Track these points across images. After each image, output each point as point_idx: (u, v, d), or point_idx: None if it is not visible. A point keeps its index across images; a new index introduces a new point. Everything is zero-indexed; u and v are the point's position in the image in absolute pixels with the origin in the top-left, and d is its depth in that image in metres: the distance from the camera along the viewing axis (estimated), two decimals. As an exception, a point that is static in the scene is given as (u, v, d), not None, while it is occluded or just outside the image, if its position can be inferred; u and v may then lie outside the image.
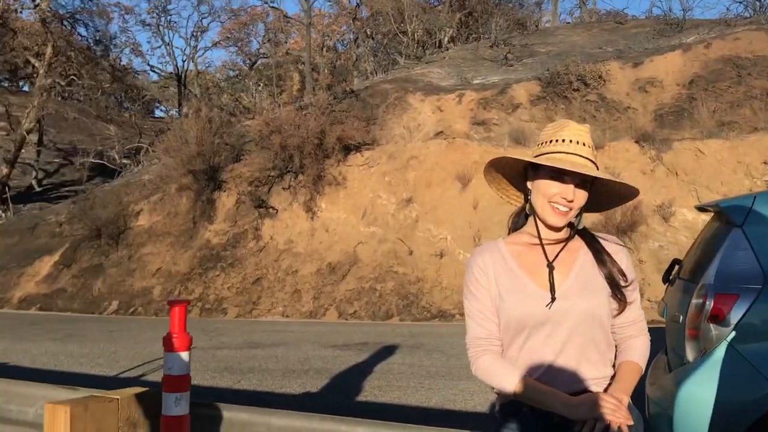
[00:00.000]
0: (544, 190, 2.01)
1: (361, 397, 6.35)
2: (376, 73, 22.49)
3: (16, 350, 9.20)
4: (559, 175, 1.98)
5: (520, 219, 2.24)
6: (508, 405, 2.13)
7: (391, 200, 15.73)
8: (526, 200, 2.14)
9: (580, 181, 1.98)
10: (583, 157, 1.98)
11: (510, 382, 2.04)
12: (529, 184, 2.08)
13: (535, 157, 2.04)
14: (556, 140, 2.02)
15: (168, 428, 3.04)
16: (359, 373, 7.50)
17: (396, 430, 2.98)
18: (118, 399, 3.18)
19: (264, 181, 17.01)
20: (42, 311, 16.27)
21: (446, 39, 24.66)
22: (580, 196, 1.99)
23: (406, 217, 15.32)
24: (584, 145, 2.00)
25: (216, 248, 16.45)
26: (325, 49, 28.66)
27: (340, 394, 6.52)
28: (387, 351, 8.91)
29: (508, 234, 2.27)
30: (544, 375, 2.02)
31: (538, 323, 2.03)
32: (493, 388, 2.12)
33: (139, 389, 3.39)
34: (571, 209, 2.00)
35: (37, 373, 7.22)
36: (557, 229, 2.06)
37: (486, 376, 2.12)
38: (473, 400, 6.20)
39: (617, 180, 2.05)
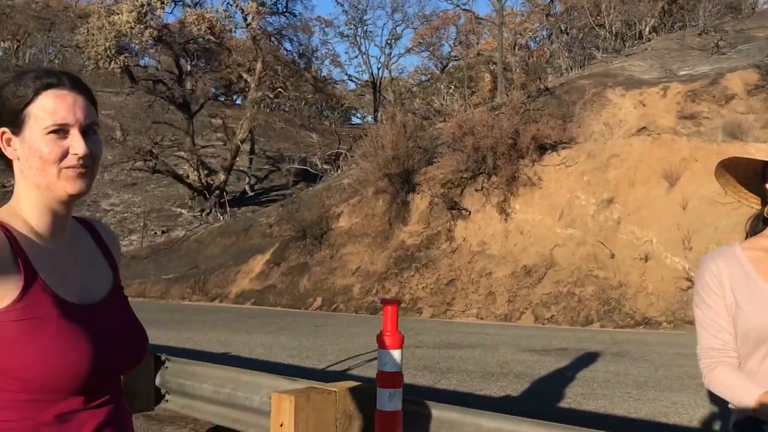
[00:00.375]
0: None
1: (564, 404, 6.16)
2: (571, 69, 21.80)
3: (236, 341, 10.08)
4: None
5: (759, 223, 2.06)
6: (746, 421, 1.96)
7: (591, 201, 15.13)
8: (765, 203, 1.97)
9: None
10: None
11: (749, 397, 1.87)
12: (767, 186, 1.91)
13: None
14: None
15: (383, 423, 3.15)
16: (560, 379, 7.29)
17: (612, 441, 2.85)
18: (336, 391, 3.36)
19: (457, 182, 17.15)
20: (255, 306, 17.70)
21: (647, 29, 23.28)
22: None
23: (607, 218, 14.65)
24: None
25: (410, 249, 16.86)
26: (517, 48, 28.30)
27: (540, 400, 6.38)
28: (589, 358, 8.58)
29: (745, 238, 2.09)
30: (789, 392, 1.83)
31: (781, 335, 1.84)
32: (727, 403, 1.96)
33: (354, 383, 3.56)
34: None
35: (255, 363, 7.84)
36: None
37: (721, 389, 1.97)
38: (688, 414, 5.78)
39: None
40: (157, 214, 29.27)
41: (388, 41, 40.69)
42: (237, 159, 30.10)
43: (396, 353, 3.17)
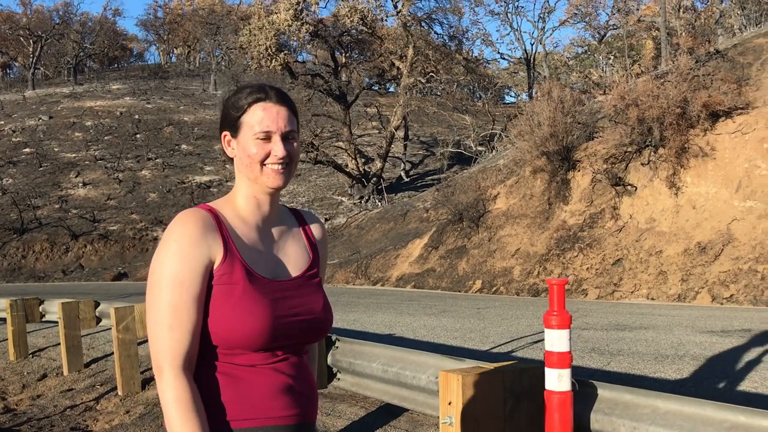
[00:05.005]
0: None
1: (749, 387, 5.72)
2: (745, 27, 19.98)
3: (399, 323, 10.31)
4: None
5: None
6: None
7: (772, 169, 13.84)
8: None
9: None
10: None
11: None
12: None
13: None
14: None
15: (552, 403, 3.09)
16: (744, 361, 6.77)
17: (811, 427, 2.60)
18: (503, 371, 3.34)
19: (620, 157, 16.36)
20: (415, 289, 18.00)
21: (836, -25, 20.81)
22: None
23: (792, 187, 13.35)
24: None
25: (573, 229, 16.35)
26: (682, 10, 26.38)
27: (721, 383, 5.96)
28: (777, 339, 7.89)
29: None
30: None
31: None
32: None
33: (522, 364, 3.52)
34: None
35: (421, 344, 7.98)
36: None
37: None
38: None
39: None
40: (320, 203, 30.58)
41: (541, 15, 39.47)
42: (392, 146, 30.65)
43: (564, 333, 3.09)
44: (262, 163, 1.58)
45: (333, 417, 5.45)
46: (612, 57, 32.36)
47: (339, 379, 5.03)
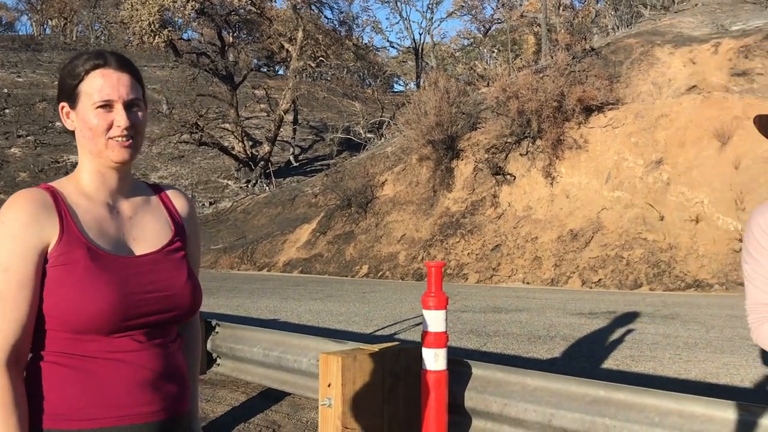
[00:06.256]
0: None
1: (612, 365, 6.14)
2: (618, 28, 21.19)
3: (284, 308, 10.26)
4: None
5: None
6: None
7: (639, 162, 14.83)
8: None
9: None
10: None
11: (801, 352, 1.84)
12: None
13: None
14: None
15: (428, 382, 3.20)
16: (608, 341, 7.26)
17: (659, 397, 2.84)
18: (382, 352, 3.41)
19: (501, 148, 16.98)
20: (303, 274, 17.95)
21: (698, -17, 22.41)
22: None
23: (656, 180, 14.35)
24: None
25: (455, 215, 16.83)
26: (561, 8, 27.61)
27: (589, 361, 6.37)
28: (638, 320, 8.50)
29: None
30: (840, 346, 1.80)
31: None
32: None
33: (401, 345, 3.61)
34: None
35: (305, 329, 7.99)
36: None
37: (769, 345, 1.94)
38: (739, 375, 5.70)
39: None
40: (204, 186, 29.80)
41: (430, 5, 40.13)
42: (281, 130, 30.28)
43: (440, 314, 3.20)
44: (105, 136, 1.45)
45: (213, 403, 5.37)
46: (496, 50, 33.44)
47: (219, 364, 4.97)
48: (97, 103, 1.45)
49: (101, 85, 1.45)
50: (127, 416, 1.40)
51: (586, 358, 6.54)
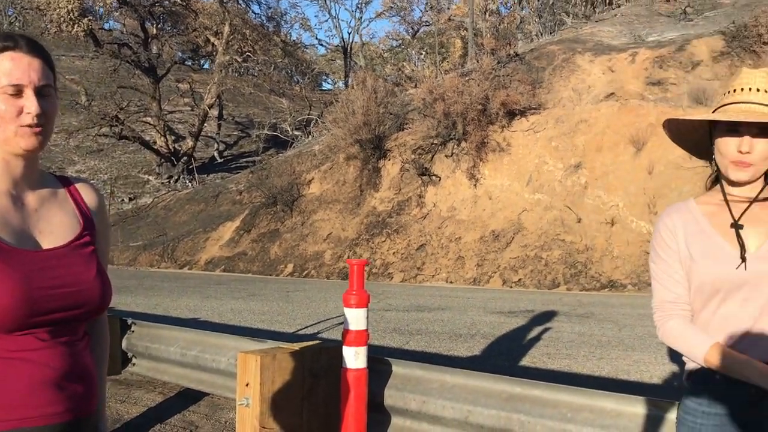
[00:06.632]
0: (722, 148, 1.90)
1: (529, 363, 6.29)
2: (541, 34, 21.78)
3: (205, 307, 10.06)
4: (734, 127, 1.84)
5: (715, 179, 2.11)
6: (698, 373, 2.02)
7: (558, 166, 15.27)
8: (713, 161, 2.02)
9: (759, 130, 1.82)
10: (756, 103, 1.83)
11: (701, 348, 1.93)
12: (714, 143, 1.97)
13: (712, 113, 1.93)
14: (729, 92, 1.91)
15: (348, 380, 3.19)
16: (526, 339, 7.44)
17: (571, 393, 2.93)
18: (302, 351, 3.39)
19: (427, 149, 17.17)
20: (225, 272, 17.65)
21: (617, -5, 23.30)
22: (762, 147, 1.84)
23: (574, 183, 14.82)
24: (758, 90, 1.84)
25: (382, 215, 16.91)
26: (488, 13, 28.16)
27: (507, 359, 6.51)
28: (555, 319, 8.75)
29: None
30: (740, 342, 1.88)
31: (734, 286, 1.89)
32: (677, 356, 2.01)
33: (321, 344, 3.59)
34: (753, 163, 1.85)
35: (225, 328, 7.85)
36: (743, 185, 1.92)
37: (674, 342, 2.02)
38: (648, 371, 5.95)
39: None
40: (124, 181, 28.88)
41: (359, 5, 40.25)
42: (205, 125, 29.69)
43: (361, 312, 3.20)
44: (15, 123, 1.38)
45: (128, 404, 5.20)
46: (424, 53, 33.80)
47: (134, 364, 4.82)
48: (6, 88, 1.37)
49: (10, 68, 1.38)
50: (30, 418, 1.33)
51: (505, 355, 6.68)
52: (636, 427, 2.67)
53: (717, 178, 2.03)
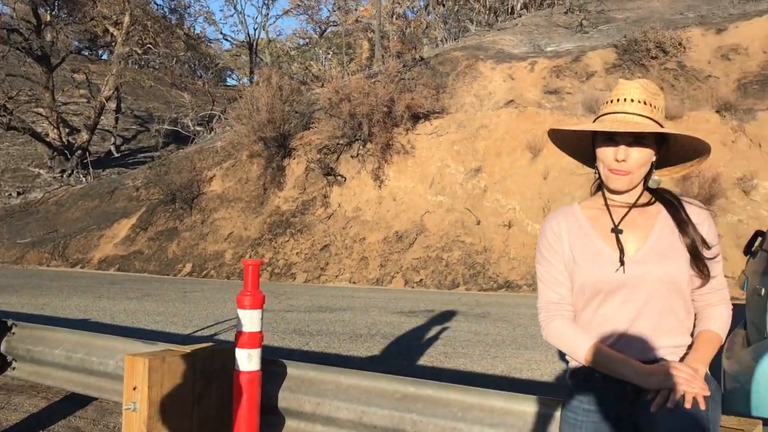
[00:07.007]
0: (602, 156, 2.00)
1: (427, 362, 6.39)
2: (446, 40, 22.20)
3: (97, 308, 9.64)
4: (611, 137, 1.93)
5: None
6: (579, 371, 2.10)
7: (460, 169, 15.61)
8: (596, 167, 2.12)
9: (634, 139, 1.92)
10: (630, 113, 1.93)
11: (581, 347, 2.00)
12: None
13: (593, 123, 2.03)
14: (606, 102, 2.01)
15: (241, 383, 3.13)
16: (425, 339, 7.55)
17: (462, 392, 2.98)
18: (194, 353, 3.29)
19: (333, 149, 17.14)
20: (120, 272, 16.97)
21: (519, 5, 24.08)
22: (637, 155, 1.94)
23: (475, 186, 15.18)
24: (632, 101, 1.95)
25: (285, 215, 16.74)
26: (395, 17, 28.43)
27: (405, 359, 6.58)
28: (453, 319, 8.93)
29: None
30: (618, 341, 1.97)
31: (613, 288, 1.98)
32: (564, 355, 2.09)
33: (213, 345, 3.50)
34: (629, 171, 1.95)
35: (117, 329, 7.55)
36: (622, 193, 2.02)
37: (556, 341, 2.09)
38: (540, 370, 6.16)
39: (677, 132, 1.96)
40: (12, 174, 27.27)
41: (265, 1, 39.72)
42: (102, 118, 28.46)
43: (256, 313, 3.14)
44: None
45: (7, 411, 4.91)
46: (331, 52, 33.75)
47: (14, 368, 4.54)
48: None
49: None
50: None
51: (404, 355, 6.75)
52: (524, 424, 2.75)
53: (601, 184, 2.12)
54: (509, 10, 24.12)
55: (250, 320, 3.14)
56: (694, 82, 15.87)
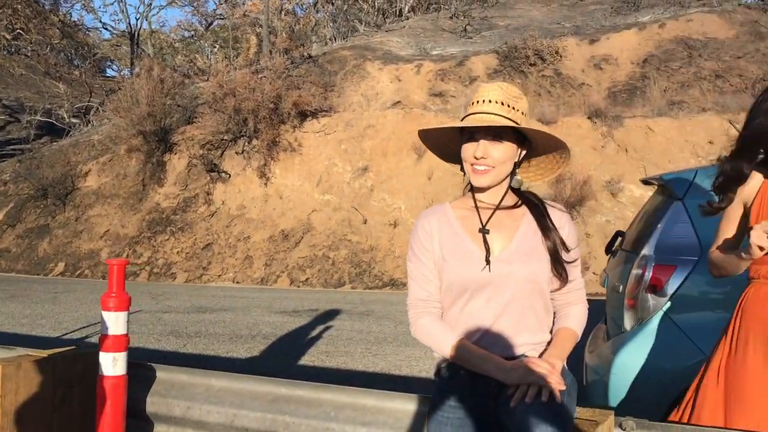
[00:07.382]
0: (464, 155, 2.08)
1: (308, 362, 6.36)
2: (335, 39, 22.20)
3: (-46, 310, 8.94)
4: (471, 135, 2.02)
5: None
6: (446, 368, 2.14)
7: (347, 168, 15.66)
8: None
9: (493, 136, 2.01)
10: (489, 113, 2.01)
11: (447, 344, 2.05)
12: None
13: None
14: (470, 104, 2.11)
15: (104, 388, 2.98)
16: (307, 338, 7.51)
17: (334, 392, 2.98)
18: (53, 358, 3.11)
19: (217, 144, 16.74)
20: (-17, 272, 15.83)
21: (407, 8, 24.44)
22: (496, 152, 2.02)
23: (362, 185, 15.28)
24: (490, 101, 2.03)
25: (166, 212, 16.18)
26: (283, 13, 28.10)
27: (286, 359, 6.52)
28: (337, 317, 8.93)
29: None
30: (483, 338, 2.03)
31: (479, 286, 2.03)
32: (433, 351, 2.13)
33: (75, 348, 3.32)
34: (489, 167, 2.02)
35: (-25, 334, 7.03)
36: (486, 189, 2.09)
37: (424, 338, 2.13)
38: (418, 366, 6.27)
39: (529, 128, 2.05)
40: None
41: (149, -9, 38.14)
42: (-36, 106, 26.43)
43: (121, 315, 3.00)
44: None
45: None
46: (217, 46, 32.95)
47: None
48: None
49: None
50: None
51: (284, 355, 6.69)
52: (396, 422, 2.78)
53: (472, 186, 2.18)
54: (397, 12, 24.44)
55: (115, 322, 2.99)
56: (569, 89, 16.69)
